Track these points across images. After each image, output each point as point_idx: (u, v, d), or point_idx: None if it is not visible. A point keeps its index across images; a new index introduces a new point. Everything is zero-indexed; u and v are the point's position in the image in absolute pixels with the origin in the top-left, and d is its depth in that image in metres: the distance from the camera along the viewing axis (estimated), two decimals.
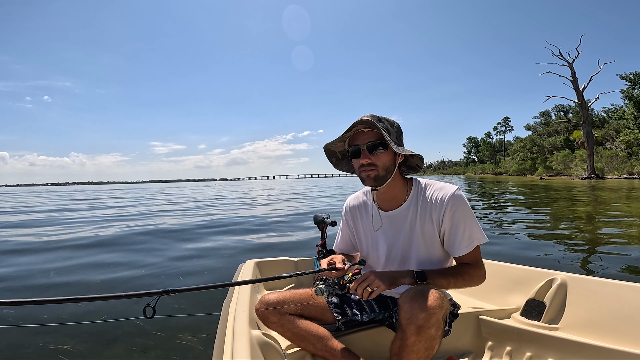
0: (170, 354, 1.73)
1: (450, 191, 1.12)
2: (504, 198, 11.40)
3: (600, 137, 30.97)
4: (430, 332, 0.94)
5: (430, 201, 1.14)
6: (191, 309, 2.32)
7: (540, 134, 45.47)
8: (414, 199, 1.17)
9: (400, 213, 1.18)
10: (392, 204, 1.20)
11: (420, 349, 0.96)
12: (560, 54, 26.97)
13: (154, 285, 2.89)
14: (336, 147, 1.20)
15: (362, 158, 1.10)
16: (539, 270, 1.55)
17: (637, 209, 7.17)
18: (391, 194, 1.18)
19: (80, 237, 5.41)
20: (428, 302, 0.94)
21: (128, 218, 8.07)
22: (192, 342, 1.84)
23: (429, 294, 0.96)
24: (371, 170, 1.10)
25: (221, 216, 7.92)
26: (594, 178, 24.57)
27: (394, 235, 1.21)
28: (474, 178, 41.48)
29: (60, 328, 2.02)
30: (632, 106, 29.14)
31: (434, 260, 1.18)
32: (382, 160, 1.10)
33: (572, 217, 6.39)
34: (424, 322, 0.93)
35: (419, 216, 1.15)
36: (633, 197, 10.07)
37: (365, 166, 1.10)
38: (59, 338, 1.89)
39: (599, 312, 1.26)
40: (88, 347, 1.81)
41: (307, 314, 1.22)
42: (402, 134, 1.17)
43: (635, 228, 4.97)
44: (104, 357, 1.72)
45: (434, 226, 1.14)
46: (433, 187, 1.16)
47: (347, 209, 1.35)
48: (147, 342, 1.85)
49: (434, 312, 0.93)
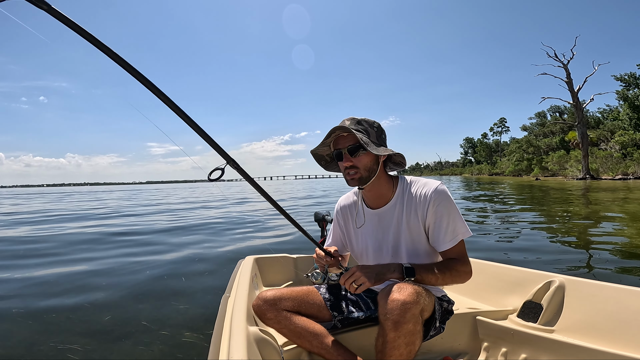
0: (168, 350, 1.74)
1: (433, 186, 1.16)
2: (500, 199, 11.45)
3: (595, 138, 31.19)
4: (407, 327, 0.96)
5: (415, 197, 1.18)
6: (189, 305, 2.35)
7: (536, 135, 45.71)
8: (399, 196, 1.21)
9: (388, 210, 1.22)
10: (379, 202, 1.23)
11: (401, 345, 0.98)
12: (555, 55, 27.08)
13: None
14: (323, 152, 1.25)
15: (344, 161, 1.15)
16: (537, 272, 1.55)
17: (632, 209, 7.23)
18: (377, 192, 1.22)
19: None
20: (403, 297, 0.97)
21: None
22: (189, 338, 1.85)
23: (404, 290, 0.99)
24: (354, 173, 1.15)
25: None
26: (588, 179, 24.72)
27: (382, 232, 1.23)
28: (470, 179, 41.69)
29: (67, 326, 2.05)
30: (627, 107, 29.33)
31: (422, 256, 1.20)
32: (363, 161, 1.14)
33: (566, 218, 6.43)
34: (399, 317, 0.95)
35: (405, 213, 1.18)
36: (628, 198, 10.15)
37: (348, 168, 1.15)
38: (64, 336, 1.92)
39: (596, 315, 1.26)
40: (92, 345, 1.83)
41: (304, 311, 1.24)
42: (383, 132, 1.20)
43: (631, 229, 5.01)
44: (109, 355, 1.74)
45: (419, 222, 1.17)
46: (417, 183, 1.20)
47: (338, 209, 1.39)
48: (147, 339, 1.87)
49: (409, 307, 0.96)
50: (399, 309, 0.96)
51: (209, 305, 2.30)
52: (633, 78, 31.49)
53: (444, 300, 1.25)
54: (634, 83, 31.18)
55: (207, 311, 2.19)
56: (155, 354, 1.72)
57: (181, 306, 2.32)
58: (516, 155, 44.21)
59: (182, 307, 2.30)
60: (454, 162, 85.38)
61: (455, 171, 72.65)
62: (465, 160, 76.04)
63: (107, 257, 3.97)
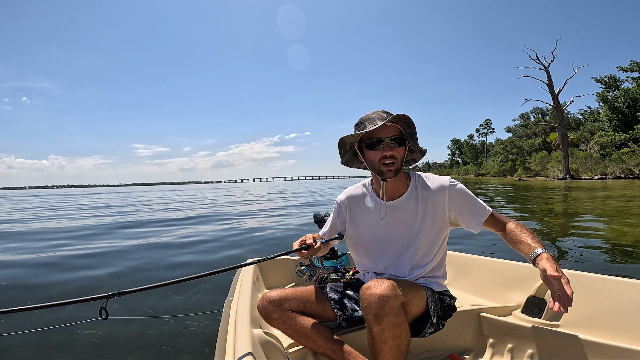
0: (173, 354, 1.73)
1: (446, 180, 1.23)
2: (487, 197, 11.70)
3: (575, 139, 32.24)
4: (388, 320, 0.98)
5: (430, 190, 1.22)
6: (193, 308, 2.33)
7: (520, 136, 46.96)
8: (413, 190, 1.24)
9: (403, 203, 1.24)
10: (393, 195, 1.25)
11: (388, 338, 0.99)
12: (537, 57, 27.89)
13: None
14: (350, 139, 1.23)
15: (385, 150, 1.15)
16: None
17: (612, 206, 7.53)
18: (395, 185, 1.25)
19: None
20: (379, 291, 1.00)
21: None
22: (194, 341, 1.84)
23: (382, 284, 1.02)
24: (392, 163, 1.16)
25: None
26: (569, 179, 25.51)
27: (396, 223, 1.25)
28: (457, 179, 42.41)
29: (56, 329, 1.99)
30: (607, 109, 30.42)
31: (433, 246, 1.23)
32: (401, 153, 1.18)
33: (546, 215, 6.63)
34: (378, 310, 0.98)
35: (420, 205, 1.22)
36: (603, 196, 10.53)
37: (386, 158, 1.16)
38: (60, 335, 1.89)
39: (599, 309, 1.27)
40: (92, 345, 1.80)
41: (309, 310, 1.24)
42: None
43: (612, 224, 5.19)
44: (114, 355, 1.72)
45: (435, 213, 1.21)
46: (429, 178, 1.26)
47: (344, 200, 1.37)
48: (149, 342, 1.85)
49: (386, 300, 0.98)
50: (377, 302, 0.98)
51: (212, 308, 2.28)
52: (613, 80, 32.73)
53: (445, 296, 1.25)
54: (614, 85, 32.42)
55: (211, 314, 2.18)
56: (160, 357, 1.70)
57: (184, 310, 2.30)
58: (501, 156, 45.30)
59: (185, 311, 2.28)
60: (442, 163, 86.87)
61: (442, 172, 73.26)
62: (453, 161, 77.42)
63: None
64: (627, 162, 24.07)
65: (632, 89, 28.45)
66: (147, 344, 1.85)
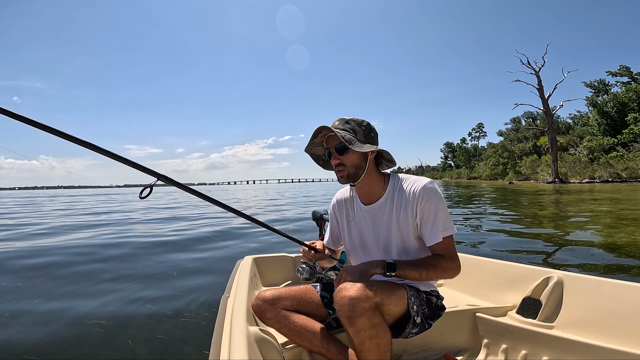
0: (168, 351, 1.71)
1: (422, 183, 1.19)
2: (478, 200, 11.81)
3: (565, 143, 32.79)
4: (362, 321, 0.97)
5: (405, 194, 1.20)
6: (189, 305, 2.32)
7: (511, 140, 47.64)
8: (390, 193, 1.23)
9: (379, 207, 1.24)
10: (371, 198, 1.26)
11: (365, 339, 0.99)
12: (528, 62, 28.38)
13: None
14: (318, 151, 1.30)
15: (332, 159, 1.21)
16: (535, 268, 1.56)
17: (597, 208, 7.67)
18: (368, 189, 1.25)
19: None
20: (350, 293, 0.99)
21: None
22: (189, 338, 1.83)
23: (353, 286, 1.01)
24: (342, 170, 1.20)
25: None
26: (557, 182, 25.95)
27: (373, 228, 1.26)
28: (450, 183, 42.96)
29: (56, 325, 1.99)
30: (596, 113, 31.00)
31: (411, 252, 1.21)
32: (350, 159, 1.19)
33: (533, 218, 6.74)
34: (350, 312, 0.98)
35: (395, 209, 1.21)
36: (589, 199, 10.72)
37: (337, 166, 1.21)
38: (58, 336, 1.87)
39: (594, 310, 1.28)
40: (89, 346, 1.79)
41: (303, 309, 1.25)
42: (372, 131, 1.23)
43: (599, 226, 5.27)
44: (106, 355, 1.70)
45: (408, 218, 1.19)
46: (408, 180, 1.23)
47: (334, 203, 1.41)
48: (146, 339, 1.83)
49: (356, 302, 0.98)
50: (348, 304, 0.98)
51: (208, 305, 2.28)
52: (602, 84, 33.41)
53: (432, 296, 1.25)
54: (603, 89, 33.09)
55: (207, 311, 2.18)
56: (155, 354, 1.69)
57: (181, 307, 2.29)
58: (492, 159, 45.88)
59: (182, 308, 2.27)
60: (435, 166, 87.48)
61: (435, 175, 74.38)
62: (445, 165, 78.08)
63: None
64: (614, 166, 24.59)
65: (621, 93, 29.07)
66: (144, 337, 1.84)
